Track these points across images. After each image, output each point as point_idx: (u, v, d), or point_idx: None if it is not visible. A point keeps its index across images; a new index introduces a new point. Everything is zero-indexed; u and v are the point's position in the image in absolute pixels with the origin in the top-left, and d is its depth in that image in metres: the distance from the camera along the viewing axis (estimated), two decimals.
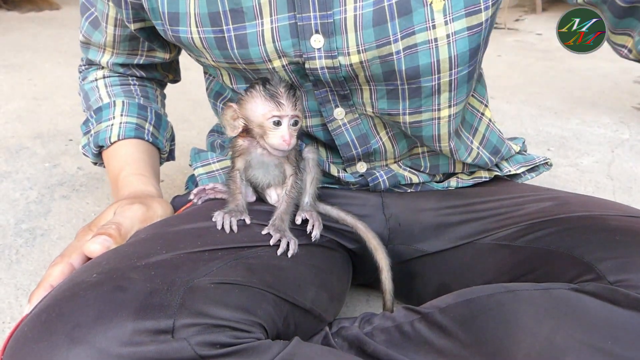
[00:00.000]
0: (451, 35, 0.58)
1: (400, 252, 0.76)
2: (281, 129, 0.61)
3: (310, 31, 0.61)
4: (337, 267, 0.72)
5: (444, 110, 0.65)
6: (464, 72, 0.61)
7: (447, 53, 0.59)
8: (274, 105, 0.60)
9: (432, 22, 0.57)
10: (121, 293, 0.46)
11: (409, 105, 0.65)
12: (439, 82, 0.62)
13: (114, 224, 0.60)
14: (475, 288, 0.59)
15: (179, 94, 1.85)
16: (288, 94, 0.60)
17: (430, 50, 0.59)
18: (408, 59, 0.60)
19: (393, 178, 0.75)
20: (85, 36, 0.82)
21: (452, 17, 0.56)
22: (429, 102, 0.64)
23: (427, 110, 0.65)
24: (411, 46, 0.59)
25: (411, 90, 0.63)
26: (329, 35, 0.60)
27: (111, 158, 0.81)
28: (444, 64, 0.60)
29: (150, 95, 0.87)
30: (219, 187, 0.72)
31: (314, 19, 0.60)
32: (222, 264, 0.54)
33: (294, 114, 0.61)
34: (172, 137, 0.91)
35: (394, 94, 0.64)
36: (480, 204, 0.74)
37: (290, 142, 0.61)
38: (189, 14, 0.63)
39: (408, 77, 0.62)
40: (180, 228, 0.60)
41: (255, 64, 0.64)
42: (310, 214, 0.67)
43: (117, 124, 0.80)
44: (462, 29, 0.58)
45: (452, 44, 0.58)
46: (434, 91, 0.63)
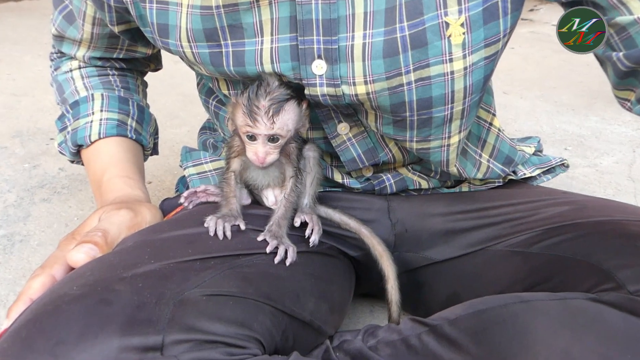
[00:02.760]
0: (468, 67, 0.58)
1: (407, 260, 0.76)
2: (256, 145, 0.61)
3: (312, 56, 0.60)
4: (339, 276, 0.72)
5: (454, 137, 0.66)
6: (476, 98, 0.62)
7: (462, 84, 0.59)
8: (249, 120, 0.60)
9: (449, 55, 0.57)
10: (106, 307, 0.46)
11: (417, 134, 0.65)
12: (452, 112, 0.62)
13: (99, 231, 0.60)
14: (487, 298, 0.59)
15: (168, 87, 1.85)
16: (268, 111, 0.60)
17: (445, 83, 0.59)
18: (420, 91, 0.60)
19: (401, 182, 0.75)
20: (59, 30, 0.81)
21: (472, 50, 0.56)
22: (439, 131, 0.65)
23: (436, 139, 0.66)
24: (424, 78, 0.59)
25: (421, 121, 0.63)
26: (332, 62, 0.60)
27: (92, 159, 0.80)
28: (459, 94, 0.60)
29: (131, 85, 0.87)
30: (212, 190, 0.72)
31: (317, 43, 0.59)
32: (215, 274, 0.54)
33: (269, 133, 0.60)
34: (155, 131, 0.91)
35: (402, 123, 0.64)
36: (493, 209, 0.74)
37: (265, 159, 0.61)
38: (179, 27, 0.63)
39: (419, 108, 0.62)
40: (169, 235, 0.60)
41: (252, 77, 0.64)
42: (309, 216, 0.67)
43: (96, 120, 0.80)
44: (480, 60, 0.58)
45: (468, 75, 0.59)
46: (446, 121, 0.63)
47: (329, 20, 0.58)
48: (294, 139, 0.65)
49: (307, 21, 0.59)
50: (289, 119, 0.62)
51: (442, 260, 0.74)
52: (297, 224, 0.66)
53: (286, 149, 0.64)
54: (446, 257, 0.74)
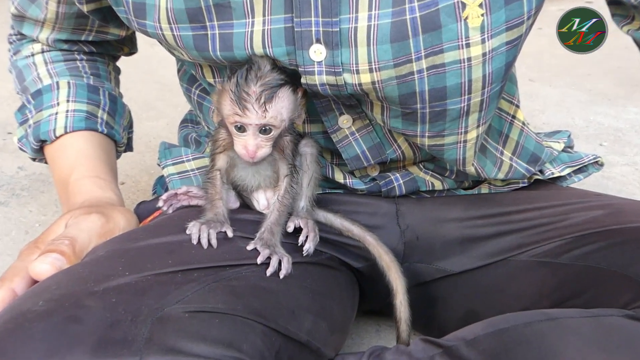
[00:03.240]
0: (488, 53, 0.58)
1: (418, 272, 0.77)
2: (245, 137, 0.62)
3: (309, 40, 0.60)
4: (340, 290, 0.72)
5: (472, 132, 0.66)
6: (497, 88, 0.62)
7: (480, 72, 0.60)
8: (238, 109, 0.61)
9: (466, 39, 0.57)
10: (76, 325, 0.47)
11: (429, 129, 0.65)
12: (469, 104, 0.62)
13: (66, 239, 0.60)
14: (510, 315, 0.59)
15: (144, 74, 1.86)
16: (260, 97, 0.60)
17: (462, 70, 0.59)
18: (432, 80, 0.60)
19: (411, 182, 0.76)
20: (19, 9, 0.82)
21: (492, 33, 0.57)
22: (455, 125, 0.65)
23: (451, 134, 0.66)
24: (437, 66, 0.59)
25: (434, 114, 0.64)
26: (332, 47, 0.60)
27: (57, 156, 0.81)
28: (477, 83, 0.60)
29: (101, 72, 0.87)
30: (194, 192, 0.73)
31: (316, 25, 0.60)
32: (198, 288, 0.55)
33: (260, 122, 0.61)
34: (129, 124, 0.91)
35: (412, 116, 0.65)
36: (516, 213, 0.75)
37: (256, 154, 0.62)
38: (158, 6, 0.63)
39: (432, 99, 0.62)
40: (146, 243, 0.61)
41: (241, 62, 0.64)
42: (304, 221, 0.68)
43: (62, 112, 0.80)
44: (501, 45, 0.58)
45: (487, 62, 0.59)
46: (462, 113, 0.63)
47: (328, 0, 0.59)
48: (288, 132, 0.66)
49: (304, 0, 0.59)
50: (283, 107, 0.62)
51: (458, 272, 0.75)
52: (290, 229, 0.67)
53: (280, 143, 0.65)
54: (463, 268, 0.74)
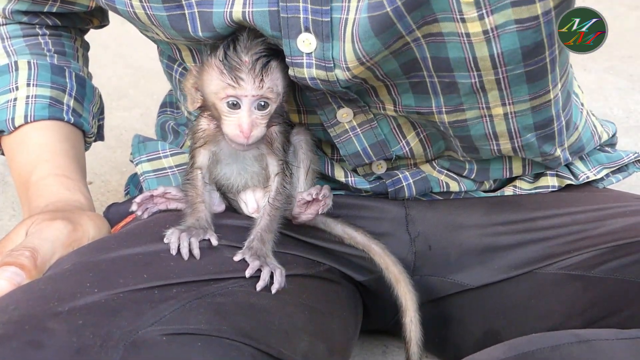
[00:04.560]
0: (491, 31, 0.59)
1: (430, 286, 0.77)
2: (238, 115, 0.62)
3: (297, 28, 0.61)
4: (341, 307, 0.73)
5: (496, 109, 0.66)
6: (518, 71, 0.62)
7: (486, 51, 0.60)
8: (231, 80, 0.61)
9: (460, 14, 0.58)
10: (37, 351, 0.47)
11: (444, 102, 0.66)
12: (481, 80, 0.63)
13: (26, 250, 0.61)
14: (535, 337, 0.60)
15: (114, 57, 1.86)
16: (254, 66, 0.61)
17: (462, 45, 0.60)
18: (433, 48, 0.61)
19: (423, 182, 0.76)
20: None
21: (491, 8, 0.57)
22: (472, 99, 0.65)
23: (472, 109, 0.66)
24: (435, 34, 0.60)
25: (444, 85, 0.64)
26: (323, 39, 0.61)
27: (17, 151, 0.81)
28: (483, 62, 0.61)
29: (67, 49, 0.87)
30: (173, 193, 0.73)
31: (304, 11, 0.60)
32: (178, 306, 0.55)
33: (258, 94, 0.61)
34: (100, 110, 0.91)
35: (422, 87, 0.65)
36: (543, 219, 0.75)
37: (250, 133, 0.62)
38: None
39: (436, 68, 0.62)
40: (118, 254, 0.61)
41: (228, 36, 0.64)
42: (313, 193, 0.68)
43: (22, 98, 0.80)
44: (508, 22, 0.58)
45: (493, 40, 0.59)
46: (476, 89, 0.64)
47: None
48: (277, 120, 0.66)
49: None
50: (278, 78, 0.63)
51: (476, 286, 0.75)
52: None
53: (268, 133, 0.65)
54: (482, 282, 0.75)
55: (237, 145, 0.64)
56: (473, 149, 0.72)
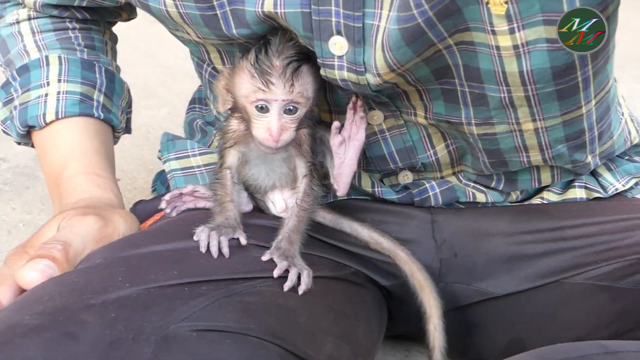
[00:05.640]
0: (521, 47, 0.58)
1: (455, 294, 0.77)
2: (267, 118, 0.63)
3: (329, 30, 0.61)
4: (366, 310, 0.73)
5: (526, 124, 0.66)
6: (548, 89, 0.62)
7: (515, 66, 0.59)
8: (261, 84, 0.61)
9: (491, 26, 0.57)
10: (71, 342, 0.48)
11: (474, 115, 0.66)
12: (510, 96, 0.62)
13: (58, 243, 0.61)
14: (561, 346, 0.59)
15: (143, 56, 1.87)
16: (285, 70, 0.61)
17: (492, 57, 0.59)
18: (465, 55, 0.61)
19: (449, 192, 0.76)
20: None
21: (522, 23, 0.56)
22: (502, 114, 0.65)
23: (501, 123, 0.66)
24: (467, 42, 0.60)
25: (475, 96, 0.64)
26: (355, 44, 0.61)
27: (48, 148, 0.82)
28: (513, 77, 0.60)
29: (96, 43, 0.88)
30: (201, 192, 0.74)
31: (336, 15, 0.60)
32: (207, 303, 0.56)
33: (287, 98, 0.62)
34: (128, 104, 0.92)
35: (453, 95, 0.65)
36: (571, 229, 0.75)
37: (279, 137, 0.62)
38: None
39: (467, 77, 0.62)
40: (148, 251, 0.62)
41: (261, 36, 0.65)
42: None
43: (53, 94, 0.81)
44: (539, 40, 0.57)
45: (523, 56, 0.59)
46: (505, 105, 0.63)
47: None
48: (306, 123, 0.66)
49: None
50: (309, 83, 0.64)
51: (502, 295, 0.75)
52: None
53: (297, 135, 0.66)
54: (508, 290, 0.75)
55: (265, 148, 0.64)
56: (502, 163, 0.72)
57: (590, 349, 0.57)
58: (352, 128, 0.67)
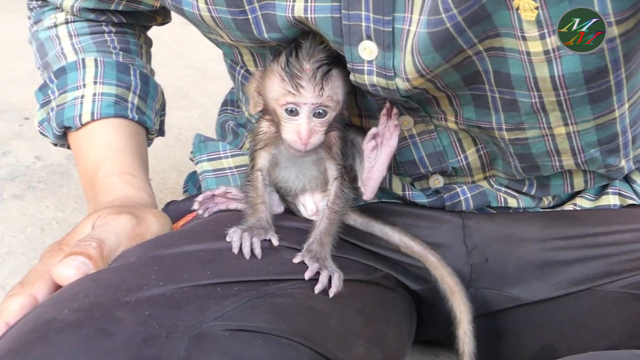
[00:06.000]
0: (552, 52, 0.58)
1: (486, 299, 0.77)
2: (297, 121, 0.63)
3: (359, 35, 0.61)
4: (396, 314, 0.73)
5: (558, 128, 0.66)
6: (580, 94, 0.61)
7: (546, 72, 0.59)
8: (291, 87, 0.62)
9: (522, 32, 0.57)
10: (106, 338, 0.49)
11: (505, 120, 0.65)
12: (542, 101, 0.62)
13: (93, 241, 0.62)
14: (594, 354, 0.59)
15: (175, 58, 1.90)
16: (315, 74, 0.62)
17: (523, 63, 0.59)
18: (495, 62, 0.60)
19: (481, 197, 0.76)
20: None
21: (553, 28, 0.56)
22: (533, 119, 0.65)
23: (533, 128, 0.66)
24: (496, 48, 0.59)
25: (505, 102, 0.64)
26: (384, 48, 0.61)
27: (84, 148, 0.83)
28: (544, 82, 0.60)
29: (132, 46, 0.89)
30: (233, 193, 0.74)
31: (366, 20, 0.61)
32: (239, 304, 0.56)
33: (317, 102, 0.62)
34: (162, 106, 0.93)
35: (483, 101, 0.65)
36: (604, 235, 0.74)
37: (308, 140, 0.63)
38: None
39: (497, 83, 0.62)
40: (181, 250, 0.63)
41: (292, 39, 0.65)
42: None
43: (89, 95, 0.82)
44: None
45: (554, 61, 0.58)
46: (536, 109, 0.63)
47: None
48: (336, 126, 0.67)
49: None
50: (339, 87, 0.64)
51: (533, 301, 0.75)
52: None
53: (327, 138, 0.66)
54: (539, 297, 0.74)
55: (295, 151, 0.65)
56: (533, 167, 0.72)
57: (624, 358, 0.57)
58: (385, 134, 0.67)
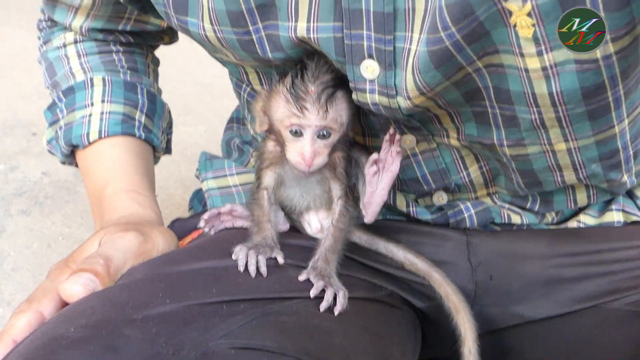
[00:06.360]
0: (550, 68, 0.58)
1: (490, 317, 0.77)
2: (301, 143, 0.64)
3: (361, 54, 0.62)
4: (401, 332, 0.73)
5: (559, 144, 0.66)
6: (579, 110, 0.61)
7: (544, 88, 0.59)
8: (296, 109, 0.62)
9: (519, 49, 0.57)
10: (113, 355, 0.49)
11: (506, 136, 0.66)
12: (541, 117, 0.62)
13: (101, 258, 0.63)
14: None
15: (181, 74, 1.90)
16: (319, 96, 0.62)
17: (522, 80, 0.59)
18: (495, 78, 0.61)
19: (484, 213, 0.76)
20: None
21: (550, 45, 0.56)
22: (534, 135, 0.65)
23: (533, 144, 0.66)
24: (496, 65, 0.60)
25: (506, 118, 0.64)
26: (386, 67, 0.62)
27: (91, 166, 0.84)
28: (542, 98, 0.60)
29: (139, 65, 0.90)
30: (239, 211, 0.75)
31: (368, 39, 0.61)
32: (245, 322, 0.57)
33: (321, 124, 0.63)
34: (169, 125, 0.94)
35: (484, 117, 0.65)
36: (609, 252, 0.74)
37: (312, 161, 0.63)
38: (201, 4, 0.65)
39: (498, 99, 0.62)
40: (188, 268, 0.63)
41: (298, 60, 0.66)
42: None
43: (96, 114, 0.83)
44: (568, 61, 0.57)
45: (552, 78, 0.58)
46: (536, 126, 0.63)
47: (381, 14, 0.60)
48: (340, 147, 0.67)
49: (355, 11, 0.60)
50: (343, 109, 0.65)
51: (538, 319, 0.74)
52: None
53: (331, 158, 0.67)
54: (544, 315, 0.74)
55: (298, 172, 0.65)
56: (536, 183, 0.72)
57: None
58: (387, 159, 0.67)
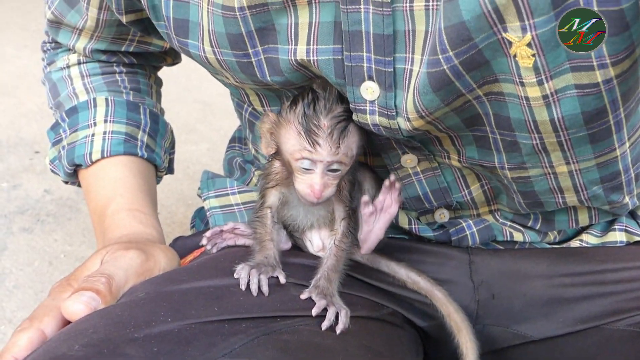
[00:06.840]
0: (551, 96, 0.58)
1: (492, 336, 0.76)
2: (311, 176, 0.64)
3: (361, 76, 0.62)
4: (403, 351, 0.73)
5: (560, 167, 0.66)
6: (580, 134, 0.62)
7: (546, 115, 0.59)
8: (308, 144, 0.62)
9: (520, 78, 0.57)
10: None
11: (507, 160, 0.66)
12: (542, 142, 0.63)
13: (102, 277, 0.63)
14: None
15: (183, 92, 1.92)
16: (332, 132, 0.62)
17: (522, 108, 0.60)
18: (495, 105, 0.61)
19: (486, 231, 0.76)
20: (56, 14, 0.85)
21: (551, 74, 0.57)
22: (535, 159, 0.65)
23: (535, 167, 0.66)
24: (496, 93, 0.60)
25: (506, 143, 0.64)
26: (386, 88, 0.62)
27: (93, 185, 0.84)
28: (544, 125, 0.61)
29: (142, 86, 0.91)
30: (241, 229, 0.75)
31: (368, 61, 0.61)
32: (247, 341, 0.56)
33: (333, 159, 0.63)
34: (171, 144, 0.94)
35: (485, 142, 0.66)
36: (612, 272, 0.74)
37: (322, 194, 0.63)
38: (201, 26, 0.66)
39: (498, 125, 0.63)
40: (190, 287, 0.63)
41: (297, 84, 0.67)
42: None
43: (99, 134, 0.84)
44: (568, 87, 0.57)
45: (553, 104, 0.58)
46: (538, 150, 0.64)
47: (381, 36, 0.60)
48: (347, 172, 0.67)
49: (355, 33, 0.61)
50: (354, 142, 0.65)
51: (540, 338, 0.74)
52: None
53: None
54: (546, 334, 0.74)
55: (306, 202, 0.65)
56: (537, 204, 0.72)
57: None
58: (386, 201, 0.68)
